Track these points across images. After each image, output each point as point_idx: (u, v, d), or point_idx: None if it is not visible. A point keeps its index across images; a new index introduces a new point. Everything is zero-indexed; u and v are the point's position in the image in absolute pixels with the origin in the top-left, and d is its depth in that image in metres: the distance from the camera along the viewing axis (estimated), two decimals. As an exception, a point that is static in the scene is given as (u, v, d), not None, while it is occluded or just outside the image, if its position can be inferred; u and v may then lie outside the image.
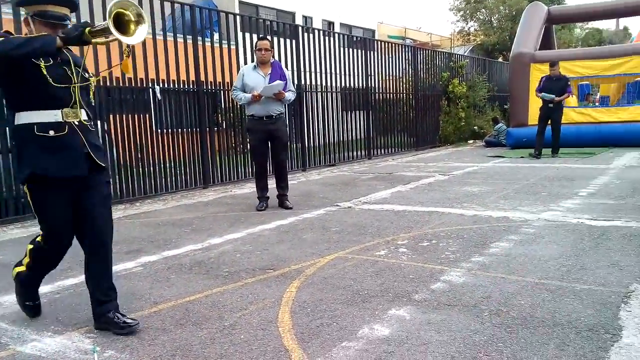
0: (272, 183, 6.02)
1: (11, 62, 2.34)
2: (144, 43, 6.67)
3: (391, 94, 12.56)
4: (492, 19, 27.30)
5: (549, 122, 9.99)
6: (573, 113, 12.25)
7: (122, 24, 2.31)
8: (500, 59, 22.91)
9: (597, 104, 13.91)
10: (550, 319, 2.50)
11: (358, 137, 11.44)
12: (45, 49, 2.33)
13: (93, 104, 2.74)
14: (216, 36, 8.69)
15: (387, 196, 6.36)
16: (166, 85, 7.37)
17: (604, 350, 2.16)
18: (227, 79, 8.20)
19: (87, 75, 2.64)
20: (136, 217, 5.77)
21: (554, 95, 9.68)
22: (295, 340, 2.38)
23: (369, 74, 11.58)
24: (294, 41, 9.56)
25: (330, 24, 22.47)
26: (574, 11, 15.26)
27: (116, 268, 3.71)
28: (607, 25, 39.53)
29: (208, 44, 7.91)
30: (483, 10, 27.44)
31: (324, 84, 10.20)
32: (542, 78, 10.23)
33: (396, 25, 30.88)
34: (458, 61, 15.25)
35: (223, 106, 8.46)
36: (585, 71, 12.35)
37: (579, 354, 2.14)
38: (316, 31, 10.29)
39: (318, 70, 9.99)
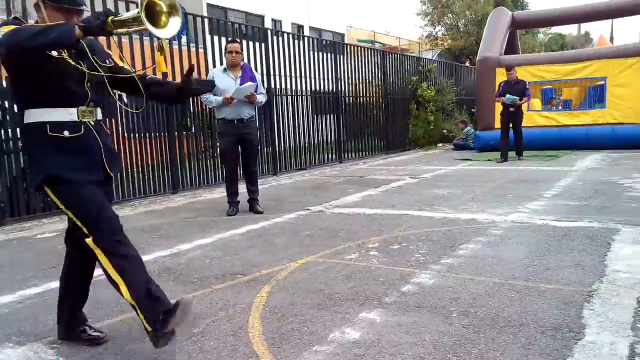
0: (242, 187, 5.97)
1: (24, 55, 2.08)
2: (109, 46, 6.53)
3: (361, 98, 12.65)
4: (459, 24, 27.82)
5: (511, 126, 10.19)
6: (537, 116, 12.58)
7: (152, 14, 2.05)
8: (467, 63, 23.35)
9: (560, 107, 14.32)
10: (516, 319, 2.55)
11: (329, 140, 11.47)
12: (62, 39, 2.03)
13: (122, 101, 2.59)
14: (184, 39, 8.59)
15: (358, 200, 6.39)
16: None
17: (568, 349, 2.21)
18: (196, 83, 8.10)
19: (107, 63, 2.39)
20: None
21: (517, 97, 9.88)
22: (265, 346, 2.36)
23: (339, 77, 11.64)
24: (263, 44, 9.53)
25: (300, 27, 22.51)
26: (537, 16, 15.68)
27: (81, 276, 3.63)
28: (569, 30, 40.84)
29: (176, 47, 7.81)
30: (450, 15, 27.94)
31: (294, 87, 10.20)
32: (500, 83, 10.46)
33: (365, 29, 31.15)
34: (426, 65, 15.49)
35: (192, 110, 8.36)
36: (549, 75, 12.70)
37: (544, 353, 2.19)
38: (285, 34, 10.28)
39: (288, 73, 9.98)
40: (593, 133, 11.69)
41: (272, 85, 9.60)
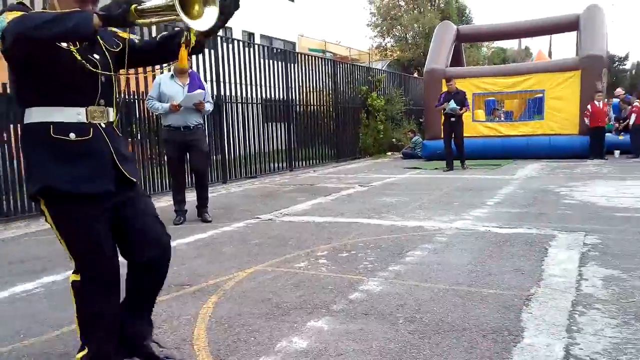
0: (190, 196, 5.85)
1: (32, 46, 1.77)
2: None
3: (312, 106, 12.72)
4: (407, 36, 28.55)
5: (453, 136, 10.44)
6: (481, 127, 13.06)
7: (183, 2, 1.77)
8: (415, 74, 23.96)
9: (502, 118, 14.90)
10: (460, 324, 2.61)
11: (279, 148, 11.45)
12: (80, 29, 1.74)
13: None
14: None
15: (308, 208, 6.40)
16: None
17: (507, 352, 2.29)
18: (142, 88, 7.91)
19: (115, 47, 2.09)
20: (39, 234, 5.38)
21: (458, 107, 10.14)
22: (210, 358, 2.31)
23: (290, 86, 11.66)
24: (212, 51, 9.42)
25: (251, 35, 22.42)
26: (481, 31, 16.33)
27: (14, 290, 3.46)
28: (510, 44, 42.67)
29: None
30: (399, 27, 28.63)
31: (244, 95, 10.12)
32: (441, 94, 10.75)
33: (317, 39, 31.41)
34: (376, 75, 15.78)
35: (138, 116, 8.14)
36: (492, 87, 13.22)
37: (485, 356, 2.25)
38: (236, 42, 10.22)
39: (238, 81, 9.91)
40: (533, 143, 12.25)
41: (222, 93, 9.50)
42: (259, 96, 10.57)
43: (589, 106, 11.54)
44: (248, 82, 10.21)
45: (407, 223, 5.19)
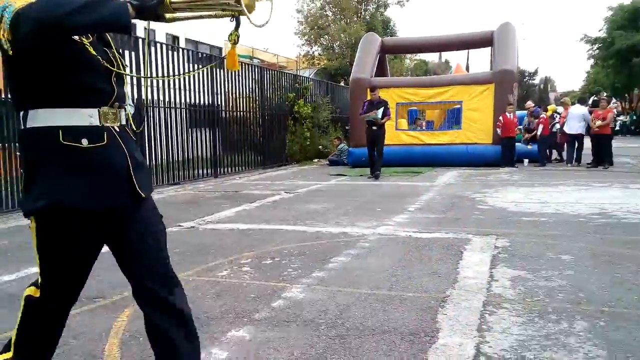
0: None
1: (59, 35, 1.53)
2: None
3: (238, 112, 12.58)
4: (334, 46, 29.03)
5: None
6: (404, 135, 13.51)
7: None
8: (342, 83, 24.39)
9: (423, 127, 15.51)
10: (379, 327, 2.67)
11: (204, 155, 11.21)
12: (117, 20, 1.53)
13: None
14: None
15: (232, 215, 6.30)
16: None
17: (423, 352, 2.36)
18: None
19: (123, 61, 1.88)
20: None
21: (379, 116, 10.38)
22: (124, 374, 2.20)
23: (216, 91, 11.47)
24: (134, 53, 9.08)
25: (175, 38, 21.85)
26: (404, 43, 16.94)
27: None
28: (431, 57, 44.58)
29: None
30: (326, 36, 29.05)
31: (167, 99, 9.83)
32: (364, 103, 11.00)
33: (244, 45, 31.16)
34: (303, 83, 15.90)
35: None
36: (414, 98, 13.71)
37: (403, 358, 2.31)
38: (159, 45, 9.91)
39: (161, 85, 9.61)
40: (452, 151, 12.83)
41: (144, 96, 9.16)
42: (183, 101, 10.30)
43: (500, 117, 12.27)
44: (172, 86, 9.93)
45: (331, 229, 5.25)
